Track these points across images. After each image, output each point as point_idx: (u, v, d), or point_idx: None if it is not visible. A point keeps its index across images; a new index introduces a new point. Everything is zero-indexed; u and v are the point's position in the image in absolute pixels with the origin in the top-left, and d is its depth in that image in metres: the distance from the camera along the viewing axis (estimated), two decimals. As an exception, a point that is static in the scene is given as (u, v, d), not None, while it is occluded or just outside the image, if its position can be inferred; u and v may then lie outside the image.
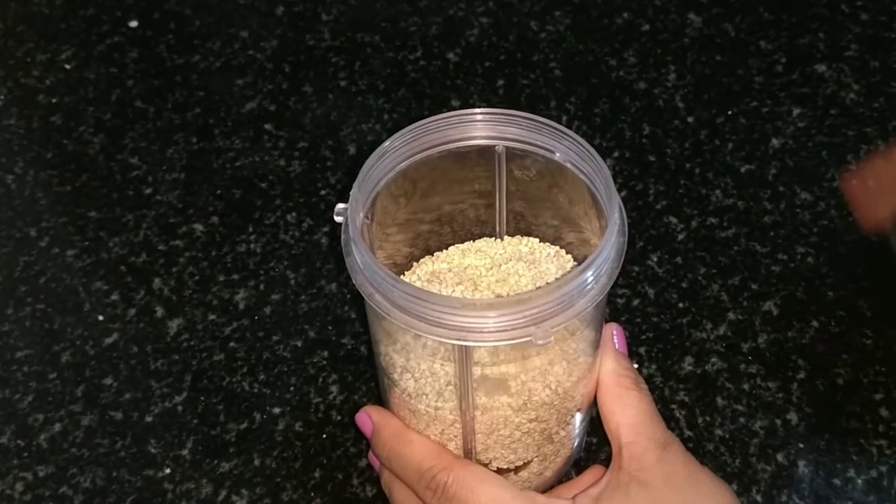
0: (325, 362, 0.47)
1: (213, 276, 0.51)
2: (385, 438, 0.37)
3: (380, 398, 0.45)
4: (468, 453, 0.36)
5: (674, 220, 0.52)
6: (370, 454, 0.40)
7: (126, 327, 0.49)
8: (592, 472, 0.38)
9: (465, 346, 0.31)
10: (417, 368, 0.34)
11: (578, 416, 0.37)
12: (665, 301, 0.48)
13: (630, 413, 0.37)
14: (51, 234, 0.53)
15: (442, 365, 0.33)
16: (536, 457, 0.37)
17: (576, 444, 0.39)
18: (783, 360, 0.46)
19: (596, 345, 0.36)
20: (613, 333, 0.38)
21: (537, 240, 0.40)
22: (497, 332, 0.30)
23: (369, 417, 0.38)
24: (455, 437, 0.36)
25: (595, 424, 0.40)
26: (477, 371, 0.33)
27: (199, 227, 0.53)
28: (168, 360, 0.47)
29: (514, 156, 0.36)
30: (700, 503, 0.35)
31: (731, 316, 0.48)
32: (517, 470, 0.37)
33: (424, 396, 0.35)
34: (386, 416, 0.37)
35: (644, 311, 0.48)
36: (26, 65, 0.63)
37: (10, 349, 0.48)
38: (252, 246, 0.52)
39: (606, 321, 0.39)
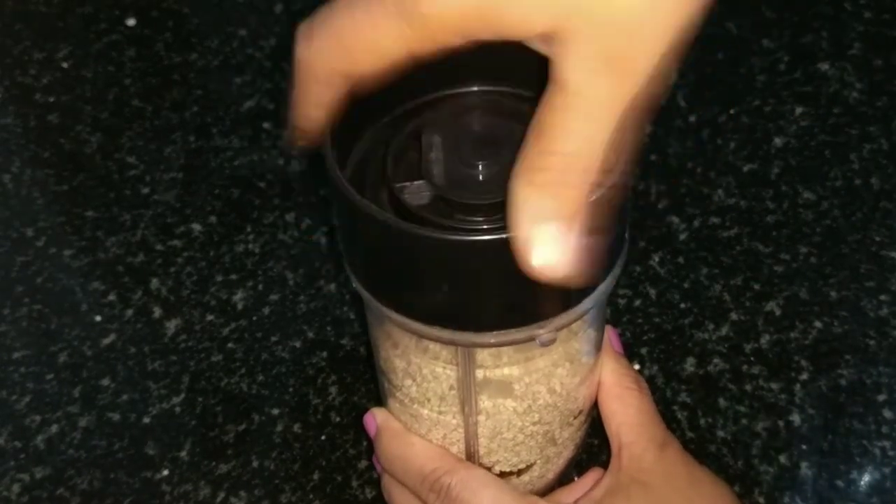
0: (324, 363, 0.47)
1: (211, 277, 0.50)
2: (387, 441, 0.37)
3: (379, 401, 0.44)
4: (471, 457, 0.36)
5: (676, 219, 0.52)
6: (374, 457, 0.39)
7: (123, 328, 0.48)
8: (592, 475, 0.38)
9: (468, 348, 0.31)
10: (419, 372, 0.34)
11: (581, 418, 0.37)
12: (667, 301, 0.48)
13: (631, 413, 0.37)
14: (48, 234, 0.53)
15: (444, 368, 0.33)
16: (539, 459, 0.36)
17: (578, 446, 0.39)
18: (786, 360, 0.46)
19: (598, 345, 0.36)
20: (609, 335, 0.38)
21: None
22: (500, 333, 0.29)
23: (374, 419, 0.38)
24: (458, 441, 0.35)
25: (596, 426, 0.40)
26: (480, 374, 0.33)
27: (197, 226, 0.53)
28: (166, 361, 0.47)
29: None
30: (701, 503, 0.35)
31: (734, 316, 0.47)
32: (520, 473, 0.37)
33: (426, 401, 0.34)
34: (389, 419, 0.37)
35: (646, 312, 0.48)
36: (23, 63, 0.62)
37: (6, 350, 0.48)
38: (250, 246, 0.52)
39: (608, 322, 0.39)
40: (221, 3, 0.66)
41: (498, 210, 0.28)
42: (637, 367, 0.46)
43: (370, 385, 0.46)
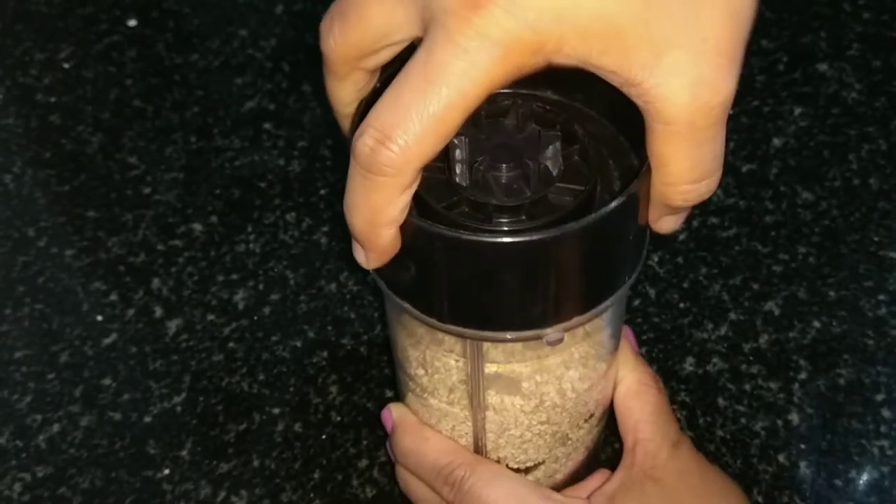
0: (324, 363, 0.47)
1: (212, 276, 0.51)
2: (401, 435, 0.37)
3: (379, 399, 0.45)
4: (479, 451, 0.36)
5: (675, 219, 0.52)
6: (388, 445, 0.40)
7: (125, 327, 0.49)
8: (599, 476, 0.38)
9: (474, 340, 0.31)
10: (431, 363, 0.34)
11: (592, 421, 0.37)
12: (666, 301, 0.48)
13: (648, 410, 0.37)
14: (49, 234, 0.53)
15: (456, 361, 0.33)
16: (548, 458, 0.37)
17: (589, 448, 0.39)
18: (784, 360, 0.46)
19: (613, 351, 0.36)
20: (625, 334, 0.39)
21: None
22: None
23: (391, 414, 0.38)
24: (466, 433, 0.36)
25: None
26: (491, 369, 0.33)
27: (197, 226, 0.53)
28: (167, 361, 0.47)
29: None
30: (712, 500, 0.36)
31: (733, 316, 0.47)
32: (528, 471, 0.37)
33: (436, 391, 0.35)
34: (405, 414, 0.38)
35: (645, 312, 0.48)
36: (24, 64, 0.63)
37: (8, 349, 0.48)
38: (251, 246, 0.52)
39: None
40: (222, 4, 0.66)
41: (519, 212, 0.28)
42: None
43: (370, 384, 0.46)
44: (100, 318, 0.49)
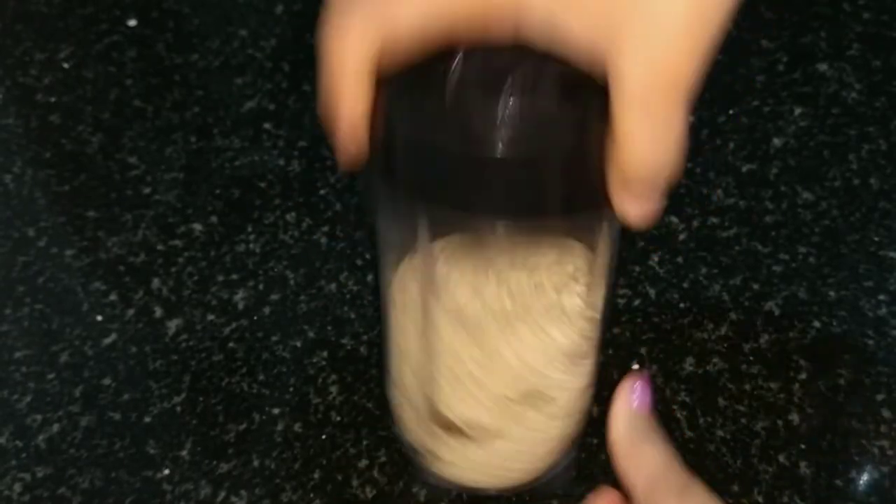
0: (324, 363, 0.47)
1: (212, 276, 0.51)
2: None
3: (380, 400, 0.45)
4: (432, 406, 0.36)
5: (675, 219, 0.52)
6: None
7: (125, 327, 0.49)
8: (606, 498, 0.37)
9: (427, 221, 0.31)
10: (403, 301, 0.35)
11: (556, 412, 0.37)
12: (666, 301, 0.48)
13: (643, 471, 0.36)
14: (49, 234, 0.53)
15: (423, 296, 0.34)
16: (503, 430, 0.36)
17: (559, 433, 0.38)
18: (785, 360, 0.46)
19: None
20: (635, 387, 0.37)
21: None
22: None
23: None
24: (423, 381, 0.36)
25: (597, 425, 0.40)
26: (454, 303, 0.33)
27: (197, 226, 0.53)
28: (167, 361, 0.47)
29: None
30: None
31: (733, 316, 0.48)
32: (480, 438, 0.36)
33: (403, 329, 0.35)
34: None
35: (645, 312, 0.48)
36: (24, 64, 0.63)
37: (8, 349, 0.48)
38: (251, 246, 0.52)
39: (640, 370, 0.39)
40: (222, 4, 0.66)
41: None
42: (636, 366, 0.46)
43: (370, 384, 0.46)
44: (100, 318, 0.49)
